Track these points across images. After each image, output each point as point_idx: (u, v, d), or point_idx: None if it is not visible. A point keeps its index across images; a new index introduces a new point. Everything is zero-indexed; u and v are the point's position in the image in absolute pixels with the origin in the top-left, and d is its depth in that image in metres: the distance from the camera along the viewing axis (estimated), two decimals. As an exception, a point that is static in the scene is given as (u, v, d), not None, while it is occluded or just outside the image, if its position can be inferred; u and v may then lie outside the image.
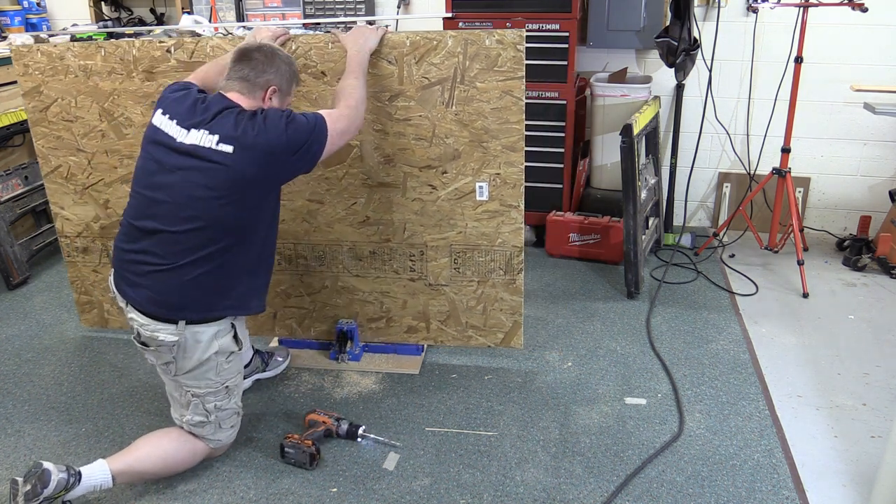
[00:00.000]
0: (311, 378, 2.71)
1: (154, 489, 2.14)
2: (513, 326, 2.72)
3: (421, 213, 2.61)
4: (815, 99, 3.83)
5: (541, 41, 3.63)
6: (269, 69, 2.07)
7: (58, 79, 2.67)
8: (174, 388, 2.12)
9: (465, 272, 2.66)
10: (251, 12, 4.25)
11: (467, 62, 2.39)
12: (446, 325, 2.76)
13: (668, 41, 3.54)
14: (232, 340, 2.10)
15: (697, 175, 4.11)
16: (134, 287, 2.02)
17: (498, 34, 2.35)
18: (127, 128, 2.68)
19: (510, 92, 2.40)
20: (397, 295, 2.74)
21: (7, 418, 2.51)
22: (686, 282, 3.49)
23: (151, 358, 2.09)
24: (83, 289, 3.01)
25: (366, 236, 2.66)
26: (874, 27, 3.64)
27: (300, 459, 2.20)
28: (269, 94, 2.08)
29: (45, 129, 2.76)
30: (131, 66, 2.58)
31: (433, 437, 2.36)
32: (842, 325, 3.07)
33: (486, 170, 2.50)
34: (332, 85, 2.46)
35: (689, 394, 2.57)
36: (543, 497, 2.09)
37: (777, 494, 2.08)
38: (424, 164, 2.53)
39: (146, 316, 2.00)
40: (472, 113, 2.44)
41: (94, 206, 2.85)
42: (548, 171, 3.83)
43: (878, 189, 3.91)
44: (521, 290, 2.66)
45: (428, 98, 2.44)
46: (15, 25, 4.64)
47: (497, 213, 2.56)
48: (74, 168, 2.80)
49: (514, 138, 2.46)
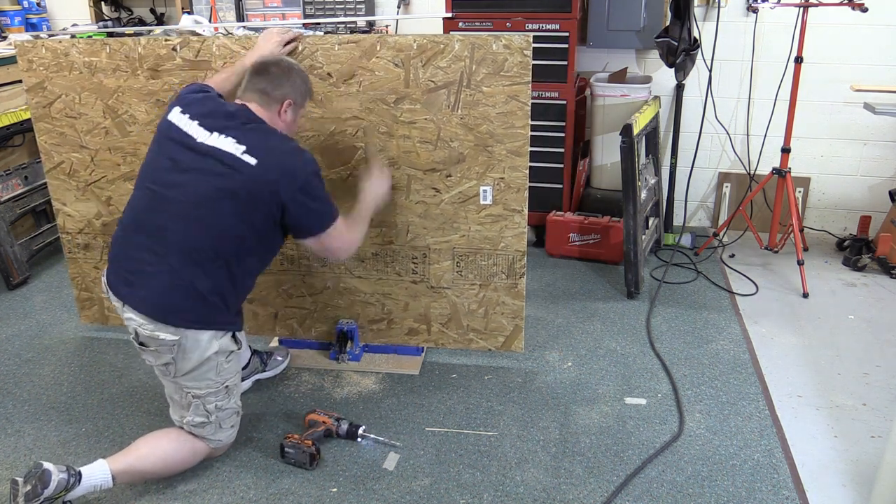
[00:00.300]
0: (311, 378, 2.71)
1: (154, 489, 2.14)
2: (514, 330, 2.72)
3: (424, 216, 2.60)
4: (815, 99, 3.83)
5: (541, 41, 3.63)
6: (285, 83, 2.14)
7: (62, 75, 2.67)
8: (174, 390, 2.12)
9: (467, 275, 2.66)
10: (251, 12, 4.25)
11: (474, 66, 2.39)
12: (447, 328, 2.76)
13: (668, 41, 3.54)
14: (231, 340, 2.10)
15: (697, 175, 4.11)
16: (132, 287, 2.01)
17: (505, 38, 2.35)
18: (131, 125, 2.68)
19: (516, 97, 2.40)
20: (399, 297, 2.74)
21: (7, 418, 2.51)
22: (686, 282, 3.49)
23: (150, 359, 2.07)
24: (84, 285, 3.01)
25: (369, 238, 2.66)
26: (874, 27, 3.64)
27: (300, 459, 2.20)
28: (284, 106, 2.14)
29: (49, 125, 2.76)
30: (136, 64, 2.58)
31: (433, 437, 2.36)
32: (842, 325, 3.07)
33: (491, 174, 2.50)
34: (337, 87, 2.47)
35: (689, 394, 2.57)
36: (543, 497, 2.09)
37: (777, 494, 2.08)
38: (429, 168, 2.53)
39: (146, 317, 2.00)
40: (478, 117, 2.44)
41: (96, 203, 2.85)
42: (548, 171, 3.83)
43: (878, 189, 3.91)
44: (523, 295, 2.66)
45: (434, 101, 2.44)
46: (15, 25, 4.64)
47: (500, 218, 2.56)
48: (77, 164, 2.80)
49: (519, 143, 2.46)
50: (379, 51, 2.41)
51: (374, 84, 2.45)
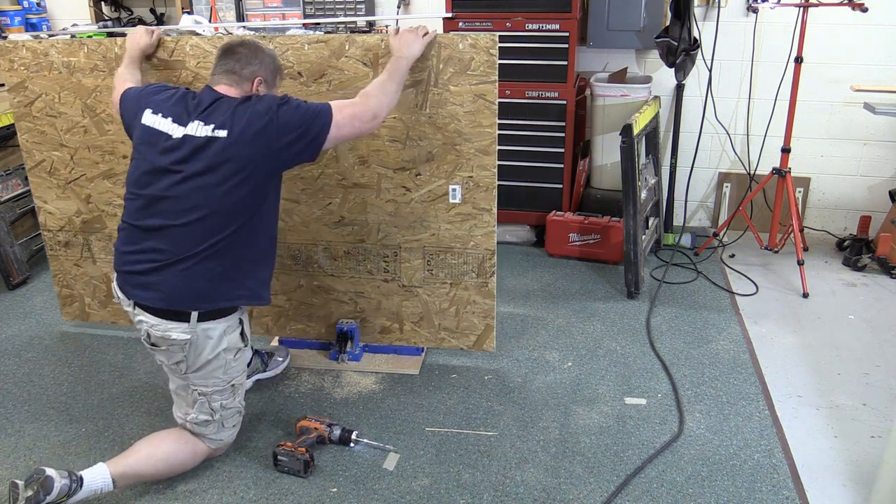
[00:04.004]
0: (311, 378, 2.71)
1: (154, 489, 2.13)
2: (485, 329, 2.73)
3: (395, 215, 2.62)
4: (815, 99, 3.83)
5: (541, 41, 3.63)
6: (253, 61, 2.12)
7: (42, 74, 2.70)
8: (181, 386, 2.12)
9: (438, 274, 2.67)
10: (251, 12, 4.25)
11: (441, 65, 2.40)
12: (419, 327, 2.77)
13: (668, 41, 3.54)
14: (239, 337, 2.12)
15: (697, 175, 4.11)
16: (143, 288, 2.01)
17: (472, 38, 2.36)
18: (109, 124, 2.70)
19: (483, 96, 2.41)
20: (371, 295, 2.76)
21: (7, 418, 2.51)
22: (686, 282, 3.49)
23: (161, 358, 2.09)
24: (65, 282, 3.04)
25: (340, 236, 2.68)
26: (874, 27, 3.64)
27: (294, 467, 2.18)
28: (255, 84, 2.13)
29: (30, 123, 2.79)
30: (113, 64, 2.60)
31: (433, 437, 2.36)
32: (842, 325, 3.07)
33: (460, 173, 2.52)
34: (307, 86, 2.48)
35: (689, 394, 2.57)
36: (543, 497, 2.09)
37: (777, 494, 2.08)
38: (398, 166, 2.55)
39: (157, 316, 2.00)
40: (446, 116, 2.46)
41: (76, 201, 2.87)
42: (548, 171, 3.84)
43: (878, 189, 3.91)
44: (494, 294, 2.67)
45: (402, 101, 2.45)
46: (15, 25, 4.63)
47: (470, 216, 2.57)
48: (58, 163, 2.83)
49: (486, 142, 2.47)
50: (348, 50, 2.43)
51: (343, 83, 2.46)
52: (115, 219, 2.86)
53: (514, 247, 3.98)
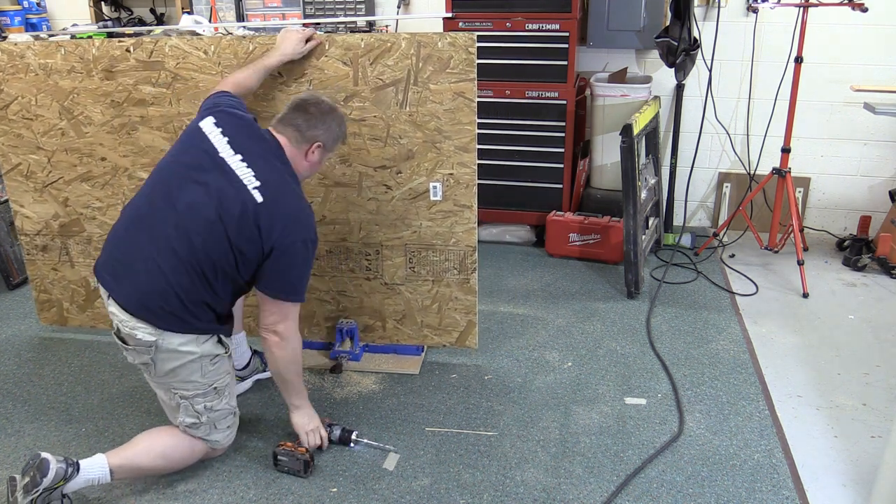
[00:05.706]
0: (311, 378, 2.71)
1: (154, 488, 2.13)
2: (467, 326, 2.73)
3: (376, 213, 2.63)
4: (815, 99, 3.83)
5: (541, 41, 3.63)
6: (319, 125, 2.15)
7: (18, 77, 2.68)
8: (162, 392, 2.11)
9: (419, 271, 2.68)
10: (251, 12, 4.25)
11: (420, 64, 2.41)
12: (402, 325, 2.78)
13: (668, 41, 3.54)
14: (216, 345, 2.08)
15: (697, 175, 4.11)
16: (118, 281, 2.00)
17: (450, 37, 2.37)
18: (86, 126, 2.69)
19: (462, 94, 2.42)
20: (353, 294, 2.76)
21: (7, 418, 2.51)
22: (686, 282, 3.49)
23: (130, 357, 2.06)
24: (42, 287, 3.02)
25: (322, 235, 2.67)
26: (874, 27, 3.64)
27: (294, 467, 2.18)
28: (313, 147, 2.16)
29: (6, 126, 2.77)
30: (91, 66, 2.59)
31: (433, 437, 2.36)
32: (842, 325, 3.07)
33: (440, 170, 2.53)
34: (287, 85, 2.49)
35: (689, 394, 2.57)
36: (543, 497, 2.09)
37: (777, 494, 2.08)
38: (379, 164, 2.56)
39: (127, 312, 1.99)
40: (426, 114, 2.47)
41: (53, 205, 2.86)
42: (548, 171, 3.84)
43: (878, 189, 3.91)
44: (475, 290, 2.68)
45: (382, 99, 2.46)
46: (15, 25, 4.63)
47: (451, 213, 2.58)
48: (34, 166, 2.81)
49: (466, 139, 2.48)
50: (328, 49, 2.44)
51: (323, 82, 2.47)
52: (93, 222, 2.85)
53: (514, 247, 3.98)
